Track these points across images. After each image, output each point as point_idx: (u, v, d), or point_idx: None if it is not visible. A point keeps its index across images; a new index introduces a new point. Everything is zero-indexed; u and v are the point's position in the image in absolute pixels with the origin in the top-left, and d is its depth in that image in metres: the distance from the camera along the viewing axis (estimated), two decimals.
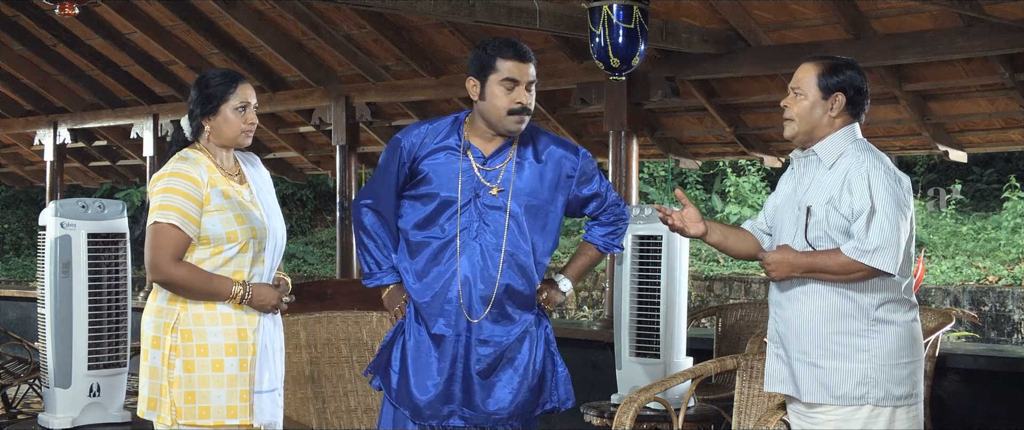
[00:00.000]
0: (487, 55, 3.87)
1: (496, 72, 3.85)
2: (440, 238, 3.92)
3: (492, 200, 3.92)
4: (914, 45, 6.88)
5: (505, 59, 3.85)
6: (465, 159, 3.93)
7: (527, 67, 3.87)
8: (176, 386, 3.71)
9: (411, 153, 3.94)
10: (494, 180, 3.93)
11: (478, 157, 3.94)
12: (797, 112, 3.71)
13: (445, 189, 3.91)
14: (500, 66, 3.85)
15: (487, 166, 3.94)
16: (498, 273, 3.91)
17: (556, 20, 6.74)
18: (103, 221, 5.56)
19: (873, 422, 3.63)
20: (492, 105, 3.87)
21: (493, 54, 3.86)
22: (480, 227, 3.91)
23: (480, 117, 3.93)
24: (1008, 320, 13.51)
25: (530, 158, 3.98)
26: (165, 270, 3.70)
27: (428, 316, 3.93)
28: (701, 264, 16.14)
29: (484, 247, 3.91)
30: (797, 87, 3.72)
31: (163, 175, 3.77)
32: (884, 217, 3.55)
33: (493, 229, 3.92)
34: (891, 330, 3.63)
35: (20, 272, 20.57)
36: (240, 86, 3.83)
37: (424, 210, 3.94)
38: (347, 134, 9.61)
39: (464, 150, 3.93)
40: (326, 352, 4.84)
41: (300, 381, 4.86)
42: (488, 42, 3.93)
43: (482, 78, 3.88)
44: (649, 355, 5.97)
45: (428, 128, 3.98)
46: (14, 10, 9.78)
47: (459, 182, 3.91)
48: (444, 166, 3.92)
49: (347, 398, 4.81)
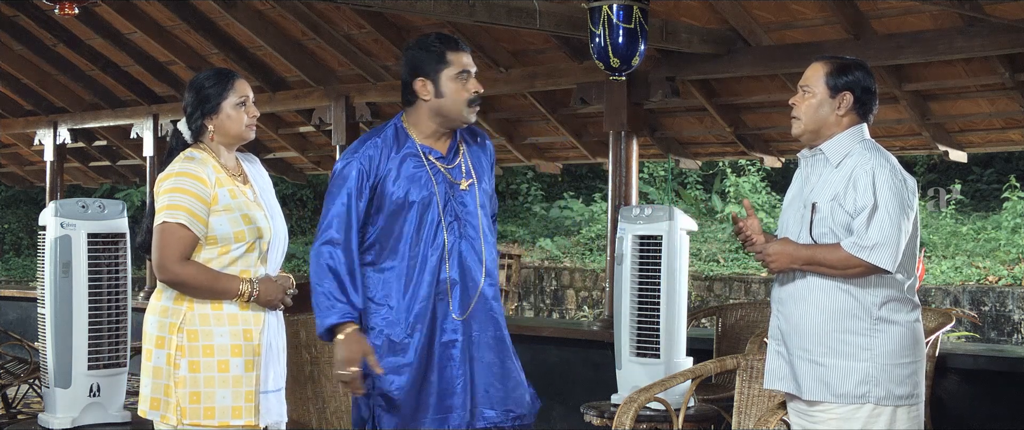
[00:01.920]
0: (434, 53, 3.84)
1: (449, 66, 3.84)
2: (428, 246, 3.84)
3: (462, 196, 3.90)
4: (914, 45, 6.88)
5: (454, 52, 3.84)
6: (430, 162, 3.88)
7: (469, 56, 3.88)
8: (181, 386, 3.71)
9: (370, 175, 3.82)
10: (459, 176, 3.92)
11: (438, 157, 3.90)
12: (804, 110, 3.74)
13: (420, 196, 3.84)
14: (451, 59, 3.84)
15: (450, 164, 3.91)
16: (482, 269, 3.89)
17: (556, 20, 6.74)
18: (103, 221, 5.57)
19: (874, 421, 3.63)
20: (452, 99, 3.84)
21: (441, 50, 3.84)
22: (461, 226, 3.88)
23: (433, 115, 3.87)
24: (1008, 320, 13.51)
25: (471, 146, 3.99)
26: (173, 269, 3.70)
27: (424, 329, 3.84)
28: (701, 264, 16.14)
29: (470, 244, 3.89)
30: (806, 85, 3.75)
31: (170, 174, 3.77)
32: (886, 214, 3.56)
33: (472, 224, 3.90)
34: (894, 329, 3.64)
35: (20, 272, 20.57)
36: (237, 82, 3.85)
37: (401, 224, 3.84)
38: (347, 134, 9.60)
39: (425, 154, 3.88)
40: (326, 352, 4.84)
41: (300, 381, 4.86)
42: (425, 40, 3.89)
43: (433, 76, 3.84)
44: (649, 355, 5.97)
45: (375, 143, 3.87)
46: (14, 10, 9.78)
47: (434, 186, 3.86)
48: (414, 174, 3.85)
49: (347, 398, 4.81)
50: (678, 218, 6.04)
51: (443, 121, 3.89)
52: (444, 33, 3.93)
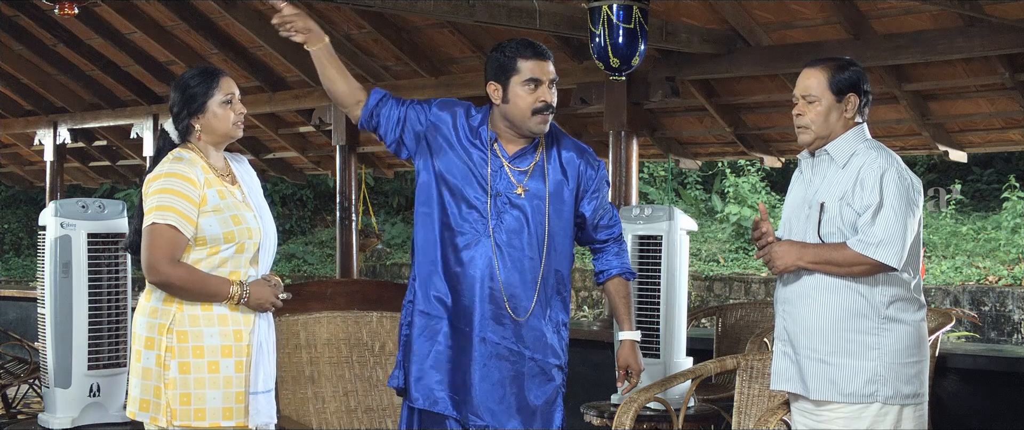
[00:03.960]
0: (506, 57, 3.84)
1: (517, 73, 3.82)
2: (463, 233, 3.86)
3: (516, 198, 3.89)
4: (914, 45, 6.88)
5: (525, 59, 3.83)
6: (494, 153, 3.89)
7: (547, 65, 3.85)
8: (171, 387, 3.69)
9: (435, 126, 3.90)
10: (521, 179, 3.90)
11: (504, 153, 3.91)
12: (813, 119, 3.70)
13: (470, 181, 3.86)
14: (521, 67, 3.82)
15: (513, 165, 3.91)
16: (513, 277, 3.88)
17: (556, 20, 6.74)
18: (103, 221, 5.57)
19: (880, 421, 3.63)
20: (516, 107, 3.83)
21: (512, 55, 3.83)
22: (497, 225, 3.86)
23: (502, 118, 3.89)
24: (1008, 320, 13.51)
25: (555, 163, 3.95)
26: (162, 271, 3.68)
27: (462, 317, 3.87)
28: (701, 264, 16.14)
29: (501, 244, 3.86)
30: (808, 94, 3.71)
31: (159, 176, 3.74)
32: (892, 212, 3.56)
33: (515, 229, 3.88)
34: (901, 329, 3.64)
35: (20, 272, 20.57)
36: (222, 79, 3.81)
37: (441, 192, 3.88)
38: (347, 134, 9.61)
39: (493, 143, 3.90)
40: (326, 352, 4.83)
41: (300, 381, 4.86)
42: (505, 44, 3.89)
43: (503, 81, 3.85)
44: (649, 355, 5.96)
45: (459, 112, 3.93)
46: (14, 10, 9.78)
47: (488, 175, 3.86)
48: (472, 155, 3.88)
49: (347, 398, 4.81)
50: (678, 218, 6.04)
51: (510, 126, 3.89)
52: (528, 40, 3.91)
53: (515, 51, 3.84)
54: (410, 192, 21.33)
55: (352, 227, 9.67)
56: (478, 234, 3.86)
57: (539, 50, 3.85)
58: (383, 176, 12.99)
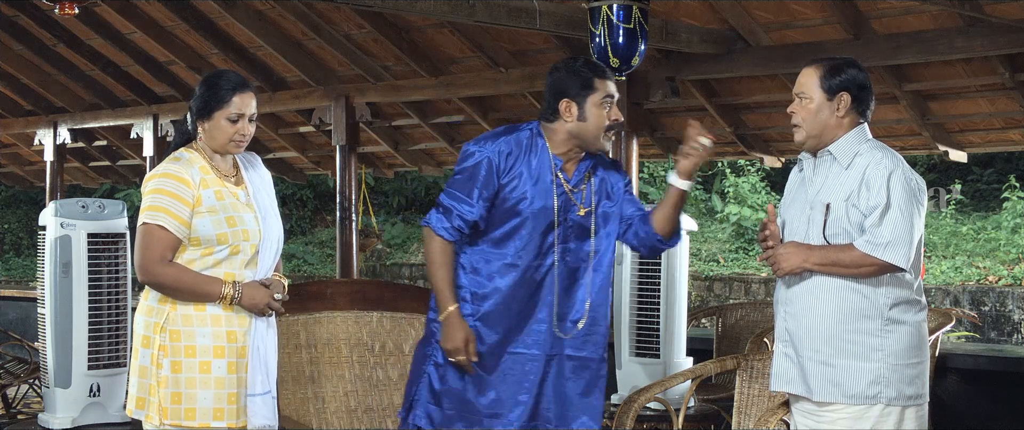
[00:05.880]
0: (582, 77, 3.89)
1: (595, 92, 3.88)
2: (530, 256, 3.90)
3: (580, 219, 3.95)
4: (914, 45, 6.88)
5: (602, 78, 3.90)
6: (557, 178, 3.93)
7: (614, 84, 3.94)
8: (163, 386, 3.70)
9: (498, 167, 3.88)
10: (580, 200, 3.95)
11: (565, 177, 3.95)
12: (804, 117, 3.71)
13: (536, 206, 3.89)
14: (598, 86, 3.89)
15: (575, 187, 3.95)
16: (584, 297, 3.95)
17: (556, 20, 6.74)
18: (103, 221, 5.57)
19: (883, 422, 3.63)
20: (593, 125, 3.89)
21: (590, 75, 3.89)
22: (564, 249, 3.92)
23: (569, 137, 3.92)
24: (1008, 320, 13.51)
25: (601, 174, 4.02)
26: (153, 271, 3.69)
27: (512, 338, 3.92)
28: (701, 264, 16.14)
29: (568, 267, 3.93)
30: (801, 92, 3.72)
31: (154, 176, 3.76)
32: (899, 212, 3.56)
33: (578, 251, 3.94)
34: (904, 330, 3.64)
35: (20, 272, 20.58)
36: (239, 95, 3.78)
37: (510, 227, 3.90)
38: (347, 134, 9.60)
39: (556, 168, 3.93)
40: (326, 352, 4.83)
41: (300, 381, 4.85)
42: (575, 63, 3.94)
43: (580, 99, 3.89)
44: (649, 355, 5.97)
45: (508, 141, 3.91)
46: (14, 10, 9.77)
47: (555, 200, 3.90)
48: (542, 180, 3.90)
49: (347, 398, 4.81)
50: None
51: (578, 143, 3.93)
52: (593, 60, 4.00)
53: (592, 70, 3.91)
54: (410, 192, 21.31)
55: (352, 227, 9.68)
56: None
57: (607, 70, 3.95)
58: (383, 176, 13.00)
